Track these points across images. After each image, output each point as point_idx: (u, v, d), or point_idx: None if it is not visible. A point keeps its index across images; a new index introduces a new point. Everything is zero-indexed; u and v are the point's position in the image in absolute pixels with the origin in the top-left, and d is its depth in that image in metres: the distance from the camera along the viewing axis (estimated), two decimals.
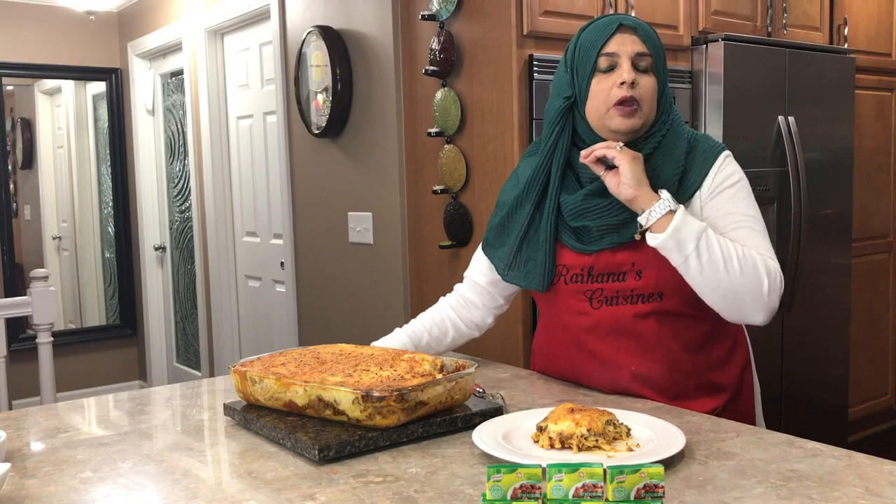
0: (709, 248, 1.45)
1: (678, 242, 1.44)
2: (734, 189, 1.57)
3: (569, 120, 1.62)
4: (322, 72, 3.38)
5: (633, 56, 1.54)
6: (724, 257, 1.45)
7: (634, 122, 1.55)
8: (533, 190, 1.65)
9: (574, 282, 1.62)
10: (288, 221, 3.81)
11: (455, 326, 1.84)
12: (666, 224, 1.45)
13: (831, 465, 1.19)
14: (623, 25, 1.55)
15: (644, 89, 1.54)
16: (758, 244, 1.53)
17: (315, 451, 1.26)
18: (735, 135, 3.04)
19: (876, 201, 3.87)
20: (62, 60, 5.19)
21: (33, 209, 5.45)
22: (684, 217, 1.45)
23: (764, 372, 1.84)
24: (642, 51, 1.55)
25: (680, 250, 1.45)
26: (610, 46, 1.55)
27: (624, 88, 1.52)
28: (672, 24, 3.00)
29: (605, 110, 1.55)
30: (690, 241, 1.44)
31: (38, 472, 1.27)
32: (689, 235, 1.44)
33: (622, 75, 1.53)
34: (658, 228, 1.46)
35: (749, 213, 1.57)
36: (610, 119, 1.55)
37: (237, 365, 1.52)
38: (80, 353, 5.33)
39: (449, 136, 2.88)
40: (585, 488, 0.94)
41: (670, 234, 1.44)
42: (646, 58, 1.55)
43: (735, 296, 1.47)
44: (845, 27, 3.61)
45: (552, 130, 1.63)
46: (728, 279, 1.45)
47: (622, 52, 1.54)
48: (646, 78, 1.55)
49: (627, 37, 1.55)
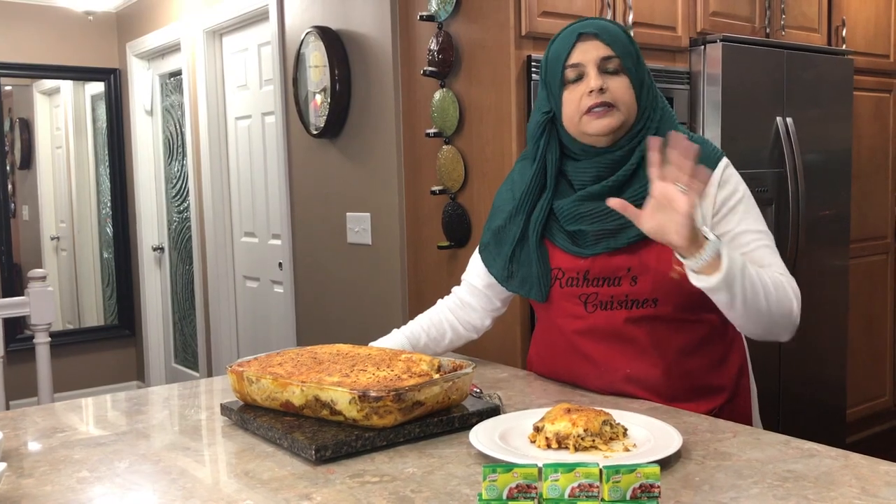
0: (751, 283, 1.42)
1: (729, 286, 1.40)
2: (742, 205, 1.57)
3: (553, 131, 1.62)
4: (320, 72, 3.38)
5: (598, 62, 1.53)
6: (763, 289, 1.44)
7: (610, 122, 1.53)
8: (527, 202, 1.65)
9: (569, 285, 1.62)
10: (286, 222, 3.81)
11: (453, 328, 1.84)
12: (712, 266, 1.38)
13: (828, 466, 1.19)
14: (583, 34, 1.54)
15: (616, 90, 1.53)
16: (777, 263, 1.55)
17: (312, 451, 1.26)
18: (733, 136, 3.04)
19: (874, 202, 3.88)
20: (61, 61, 5.19)
21: (31, 209, 5.45)
22: (730, 258, 1.39)
23: (762, 373, 1.85)
24: (607, 54, 1.53)
25: (729, 292, 1.41)
26: (574, 57, 1.54)
27: (593, 96, 1.52)
28: (670, 25, 3.00)
29: (579, 118, 1.55)
30: (737, 281, 1.40)
31: (34, 472, 1.27)
32: (736, 277, 1.39)
33: (589, 83, 1.52)
34: (704, 270, 1.39)
35: (761, 230, 1.57)
36: (585, 125, 1.55)
37: (234, 365, 1.52)
38: (78, 353, 5.33)
39: (447, 137, 2.88)
40: (581, 488, 0.94)
41: (723, 279, 1.38)
42: (612, 60, 1.53)
43: (770, 323, 1.49)
44: (843, 29, 3.62)
45: (537, 145, 1.63)
46: (767, 310, 1.46)
47: (586, 61, 1.53)
48: (616, 79, 1.53)
49: (590, 44, 1.53)
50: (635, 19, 2.86)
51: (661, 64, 2.97)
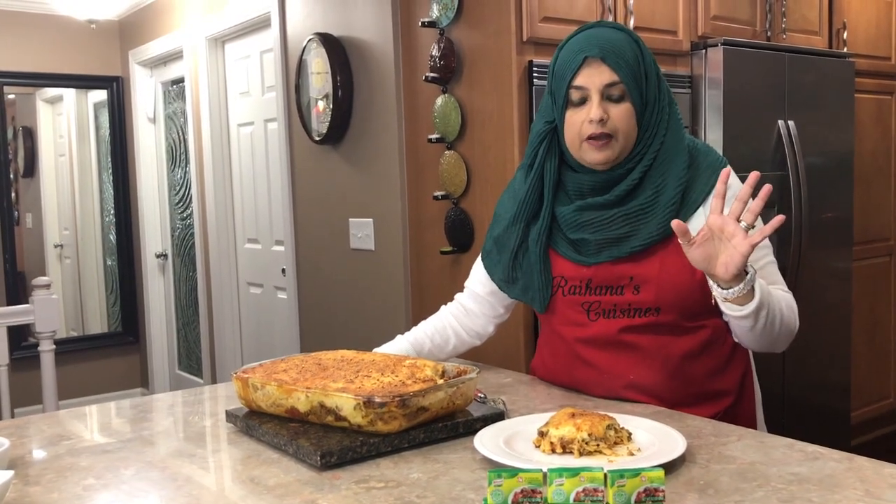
0: (772, 312, 1.46)
1: (757, 315, 1.43)
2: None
3: (554, 139, 1.62)
4: (323, 79, 3.39)
5: (601, 88, 1.51)
6: (781, 315, 1.49)
7: (607, 155, 1.53)
8: (525, 209, 1.66)
9: (572, 293, 1.62)
10: (289, 228, 3.81)
11: (457, 335, 1.85)
12: (747, 300, 1.41)
13: (832, 469, 1.19)
14: (589, 58, 1.52)
15: (617, 119, 1.52)
16: (779, 279, 1.58)
17: (317, 457, 1.26)
18: (735, 139, 3.04)
19: (876, 205, 3.88)
20: (63, 69, 5.21)
21: (35, 217, 5.46)
22: (761, 290, 1.42)
23: (765, 376, 1.84)
24: (612, 80, 1.51)
25: (755, 320, 1.44)
26: (578, 80, 1.53)
27: (593, 126, 1.51)
28: (671, 29, 3.01)
29: (579, 143, 1.55)
30: (764, 311, 1.43)
31: (41, 480, 1.27)
32: (763, 307, 1.43)
33: (591, 112, 1.51)
34: (738, 300, 1.42)
35: (765, 244, 1.59)
36: (584, 152, 1.55)
37: (239, 372, 1.52)
38: (82, 360, 5.34)
39: (449, 143, 2.89)
40: (586, 492, 0.94)
41: (754, 311, 1.42)
42: (617, 86, 1.51)
43: (776, 342, 1.54)
44: (844, 31, 3.62)
45: (536, 152, 1.63)
46: (778, 333, 1.51)
47: (590, 86, 1.52)
48: (618, 108, 1.52)
49: (595, 68, 1.51)
50: (636, 23, 2.86)
51: (662, 68, 2.92)
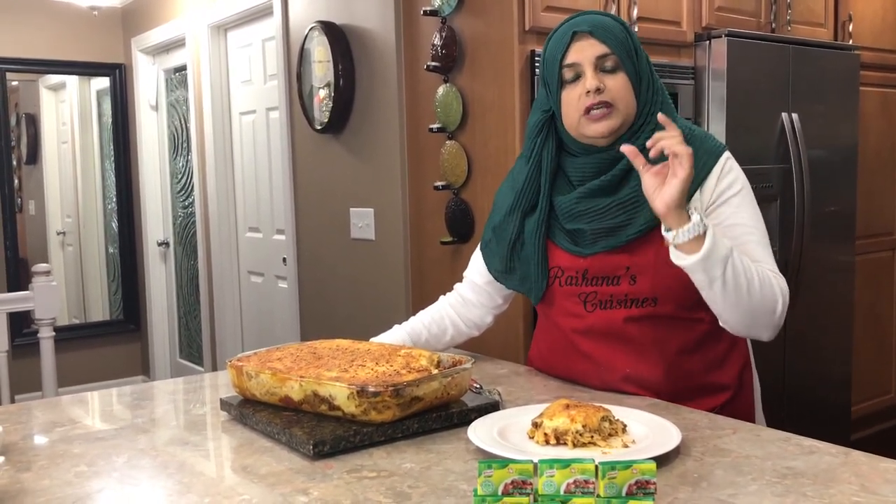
0: (734, 272, 1.41)
1: (706, 268, 1.39)
2: (739, 197, 1.55)
3: (551, 129, 1.61)
4: (324, 67, 3.37)
5: (594, 60, 1.51)
6: (747, 280, 1.43)
7: (609, 124, 1.52)
8: (523, 200, 1.65)
9: (568, 284, 1.61)
10: (290, 217, 3.81)
11: (454, 325, 1.84)
12: (695, 246, 1.38)
13: (827, 463, 1.19)
14: (578, 32, 1.52)
15: (614, 89, 1.51)
16: (766, 259, 1.53)
17: (310, 446, 1.25)
18: (738, 131, 3.02)
19: (880, 198, 3.86)
20: (66, 56, 5.20)
21: (37, 204, 5.46)
22: (714, 242, 1.38)
23: (766, 370, 1.83)
24: (603, 52, 1.51)
25: (707, 274, 1.40)
26: (570, 56, 1.52)
27: (591, 97, 1.51)
28: (675, 20, 2.99)
29: (578, 119, 1.54)
30: (718, 266, 1.39)
31: (32, 466, 1.27)
32: (717, 261, 1.39)
33: (586, 83, 1.51)
34: (685, 248, 1.40)
35: (755, 223, 1.56)
36: (584, 127, 1.54)
37: (234, 360, 1.52)
38: (83, 348, 5.34)
39: (451, 132, 2.87)
40: (577, 484, 0.93)
41: (701, 260, 1.38)
42: (609, 58, 1.51)
43: (751, 317, 1.47)
44: (850, 23, 3.60)
45: (534, 143, 1.62)
46: (748, 301, 1.44)
47: (583, 60, 1.51)
48: (613, 78, 1.52)
49: (585, 42, 1.51)
50: (640, 14, 2.84)
51: (665, 59, 2.96)
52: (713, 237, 1.38)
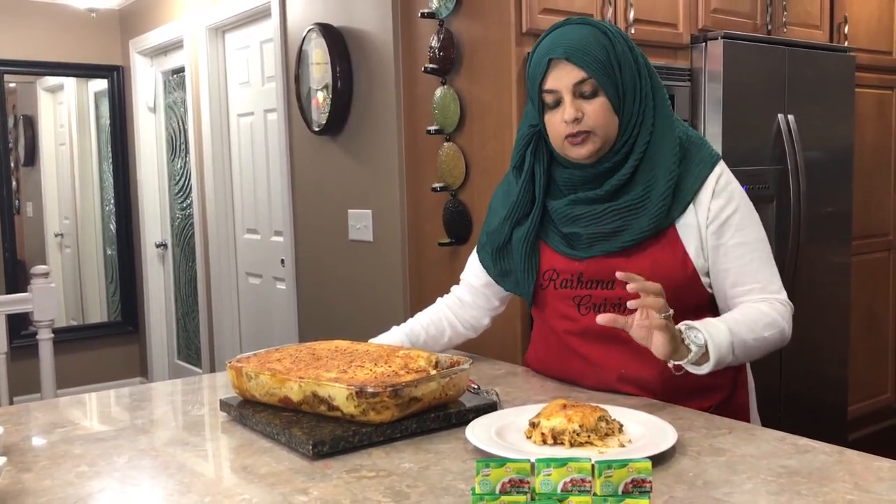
0: (745, 349, 1.49)
1: (721, 364, 1.46)
2: (738, 216, 1.56)
3: (541, 141, 1.62)
4: (322, 69, 3.38)
5: (571, 88, 1.51)
6: (759, 345, 1.52)
7: (589, 148, 1.53)
8: (517, 211, 1.66)
9: (563, 287, 1.62)
10: (288, 219, 3.82)
11: (452, 326, 1.85)
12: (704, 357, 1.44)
13: (822, 462, 1.20)
14: (553, 59, 1.51)
15: (592, 115, 1.51)
16: (770, 278, 1.57)
17: (309, 446, 1.26)
18: (735, 133, 3.04)
19: (876, 199, 3.87)
20: (64, 58, 5.20)
21: (35, 206, 5.47)
22: (717, 349, 1.43)
23: (762, 370, 1.85)
24: (581, 78, 1.50)
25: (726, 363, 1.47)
26: (548, 83, 1.53)
27: (569, 126, 1.52)
28: (671, 21, 3.00)
29: (561, 143, 1.55)
30: (729, 357, 1.46)
31: (34, 467, 1.28)
32: (726, 355, 1.45)
33: (564, 112, 1.52)
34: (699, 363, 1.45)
35: (756, 240, 1.58)
36: (567, 150, 1.55)
37: (233, 361, 1.53)
38: (81, 349, 5.35)
39: (448, 134, 2.88)
40: (574, 483, 0.94)
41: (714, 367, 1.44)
42: (587, 83, 1.50)
43: (761, 354, 1.56)
44: (845, 25, 3.61)
45: (523, 154, 1.64)
46: (762, 352, 1.55)
47: (561, 87, 1.52)
48: (592, 103, 1.51)
49: (563, 69, 1.51)
50: (636, 16, 2.86)
51: (662, 61, 2.97)
52: (714, 346, 1.44)
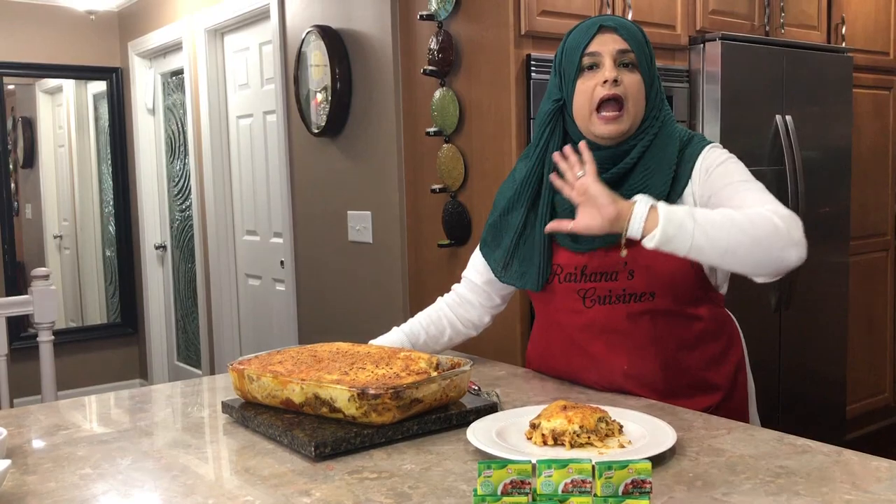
0: (706, 218, 1.40)
1: (677, 227, 1.38)
2: (723, 166, 1.57)
3: (559, 122, 1.64)
4: (321, 71, 3.39)
5: (615, 54, 1.57)
6: (726, 218, 1.41)
7: (619, 128, 1.56)
8: (526, 192, 1.68)
9: (568, 281, 1.63)
10: (288, 220, 3.82)
11: (452, 325, 1.86)
12: (654, 223, 1.41)
13: (820, 462, 1.21)
14: (604, 26, 1.58)
15: (629, 87, 1.56)
16: (760, 199, 1.49)
17: (311, 447, 1.27)
18: (733, 134, 3.05)
19: (874, 199, 3.89)
20: (63, 60, 5.21)
21: (34, 208, 5.47)
22: (667, 206, 1.42)
23: (761, 370, 1.86)
24: (624, 48, 1.57)
25: (682, 234, 1.38)
26: (592, 46, 1.58)
27: (607, 87, 1.55)
28: (669, 23, 3.01)
29: (590, 112, 1.57)
30: (687, 220, 1.39)
31: (38, 469, 1.29)
32: (682, 217, 1.39)
33: (605, 73, 1.56)
34: (650, 230, 1.41)
35: (745, 177, 1.56)
36: (594, 125, 1.57)
37: (235, 363, 1.54)
38: (81, 351, 5.35)
39: (447, 136, 2.89)
40: (574, 484, 0.95)
41: (665, 224, 1.38)
42: (628, 54, 1.58)
43: (766, 251, 1.41)
44: (843, 26, 3.62)
45: (542, 132, 1.66)
46: (742, 234, 1.40)
47: (604, 51, 1.57)
48: (630, 75, 1.57)
49: (609, 36, 1.58)
50: (634, 17, 2.86)
51: (660, 62, 2.98)
52: (664, 204, 1.42)
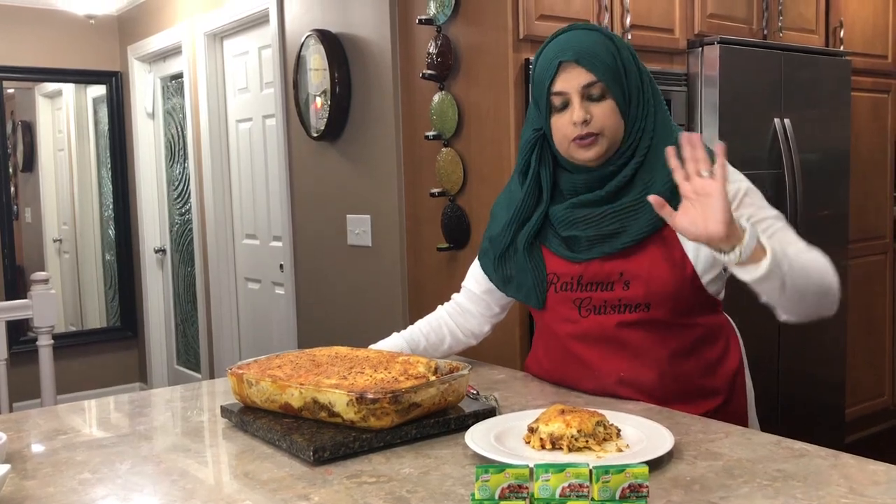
0: (795, 265, 1.38)
1: (778, 270, 1.35)
2: (750, 196, 1.56)
3: (545, 147, 1.63)
4: (321, 75, 3.40)
5: (581, 89, 1.52)
6: (806, 268, 1.41)
7: (596, 151, 1.55)
8: (520, 215, 1.67)
9: (564, 290, 1.63)
10: (287, 224, 3.83)
11: (452, 333, 1.86)
12: (757, 258, 1.34)
13: (817, 466, 1.21)
14: (563, 62, 1.53)
15: (601, 118, 1.53)
16: (796, 239, 1.51)
17: (310, 452, 1.27)
18: (731, 137, 3.05)
19: (872, 202, 3.89)
20: (63, 64, 5.22)
21: (34, 212, 5.47)
22: (771, 246, 1.35)
23: (761, 373, 1.86)
24: (589, 80, 1.52)
25: (779, 277, 1.36)
26: (557, 85, 1.54)
27: (578, 128, 1.53)
28: (668, 27, 3.02)
29: (567, 145, 1.56)
30: (784, 264, 1.36)
31: (37, 474, 1.29)
32: (780, 259, 1.35)
33: (573, 113, 1.53)
34: (749, 261, 1.35)
35: (775, 214, 1.56)
36: (573, 152, 1.56)
37: (234, 367, 1.54)
38: (80, 355, 5.35)
39: (446, 140, 2.90)
40: (572, 488, 0.95)
41: (770, 265, 1.34)
42: (596, 86, 1.52)
43: (818, 300, 1.44)
44: (841, 30, 3.63)
45: (528, 160, 1.65)
46: (817, 287, 1.43)
47: (569, 89, 1.53)
48: (600, 106, 1.53)
49: (572, 71, 1.52)
50: (633, 22, 2.87)
51: (658, 66, 2.99)
52: (768, 242, 1.36)
